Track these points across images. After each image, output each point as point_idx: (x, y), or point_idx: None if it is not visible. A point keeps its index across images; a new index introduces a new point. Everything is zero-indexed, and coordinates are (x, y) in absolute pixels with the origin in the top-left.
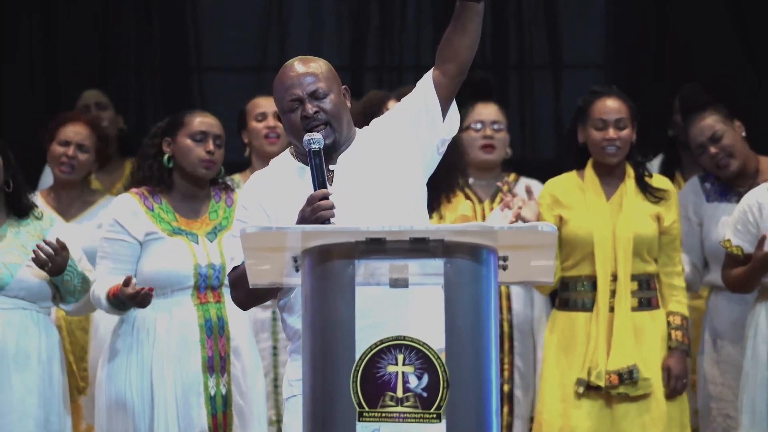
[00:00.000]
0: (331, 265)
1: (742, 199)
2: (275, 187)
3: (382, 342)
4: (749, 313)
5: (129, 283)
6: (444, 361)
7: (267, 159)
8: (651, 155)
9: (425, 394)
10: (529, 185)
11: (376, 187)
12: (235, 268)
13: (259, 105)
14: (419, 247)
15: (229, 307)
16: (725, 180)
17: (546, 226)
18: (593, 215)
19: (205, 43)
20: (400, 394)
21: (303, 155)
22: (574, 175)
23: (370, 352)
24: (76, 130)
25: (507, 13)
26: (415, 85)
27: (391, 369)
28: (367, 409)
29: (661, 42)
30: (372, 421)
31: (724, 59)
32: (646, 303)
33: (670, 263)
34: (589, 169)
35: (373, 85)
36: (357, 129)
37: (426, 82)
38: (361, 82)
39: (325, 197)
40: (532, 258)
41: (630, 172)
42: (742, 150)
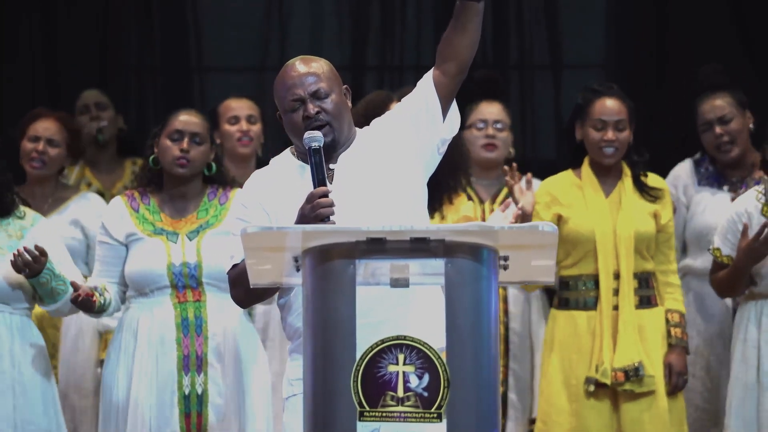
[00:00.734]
0: (332, 265)
1: (731, 205)
2: (275, 185)
3: (383, 342)
4: (737, 314)
5: (75, 287)
6: (445, 360)
7: (239, 161)
8: (647, 154)
9: (426, 394)
10: (529, 177)
11: (377, 187)
12: (234, 266)
13: (231, 108)
14: (420, 246)
15: (212, 307)
16: (721, 166)
17: (546, 226)
18: (593, 213)
19: (205, 43)
20: (400, 393)
21: (303, 154)
22: (570, 174)
23: (370, 352)
24: (45, 126)
25: (507, 13)
26: (415, 84)
27: (392, 369)
28: (367, 408)
29: (662, 42)
30: (372, 420)
31: (724, 59)
32: (646, 301)
33: (666, 261)
34: (586, 168)
35: (374, 85)
36: (358, 129)
37: (426, 82)
38: (361, 82)
39: (325, 195)
40: (532, 258)
41: (627, 171)
42: (746, 140)
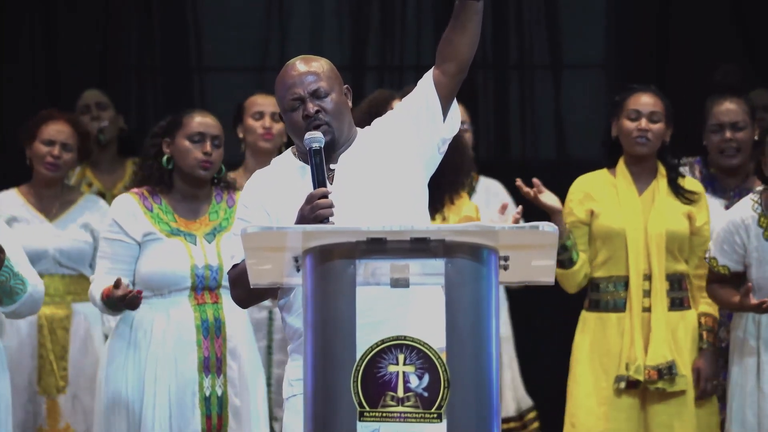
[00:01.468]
0: (332, 265)
1: (726, 213)
2: (276, 186)
3: (383, 342)
4: (735, 321)
5: (119, 284)
6: (445, 361)
7: (262, 156)
8: (684, 158)
9: (426, 394)
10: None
11: (377, 186)
12: (234, 266)
13: (257, 103)
14: (420, 246)
15: (227, 309)
16: (717, 170)
17: (547, 226)
18: (625, 209)
19: (205, 42)
20: (400, 393)
21: (304, 154)
22: (605, 172)
23: (370, 352)
24: (58, 129)
25: (507, 13)
26: (416, 84)
27: (392, 369)
28: (367, 408)
29: (662, 42)
30: (373, 420)
31: (725, 59)
32: (678, 303)
33: (702, 265)
34: (621, 166)
35: (374, 85)
36: (358, 128)
37: (426, 82)
38: (361, 82)
39: (324, 196)
40: (533, 258)
41: (662, 171)
42: (749, 150)
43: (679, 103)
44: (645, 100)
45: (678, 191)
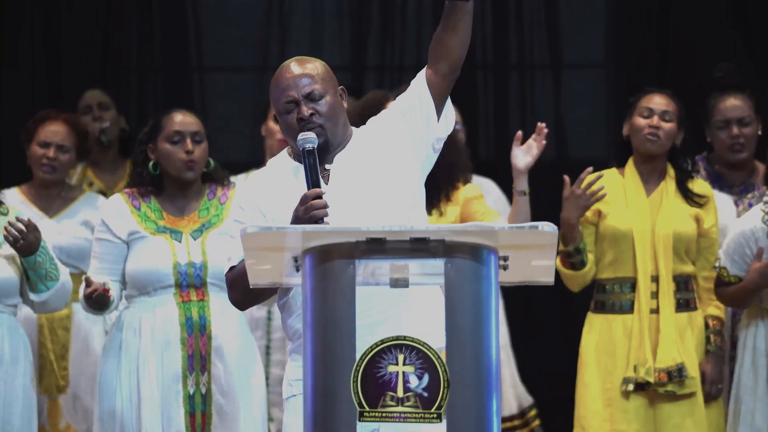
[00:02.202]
0: (332, 265)
1: (736, 223)
2: (271, 187)
3: (383, 342)
4: (744, 324)
5: (88, 282)
6: (444, 361)
7: None
8: (696, 165)
9: (426, 394)
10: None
11: (373, 186)
12: (232, 268)
13: None
14: (420, 246)
15: (214, 306)
16: (723, 166)
17: (547, 226)
18: (633, 210)
19: (206, 42)
20: (400, 393)
21: (299, 155)
22: (614, 172)
23: (370, 352)
24: (54, 130)
25: (507, 13)
26: (410, 84)
27: (392, 369)
28: (367, 408)
29: (663, 41)
30: (372, 421)
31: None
32: (685, 304)
33: (709, 267)
34: (630, 166)
35: (374, 85)
36: (354, 128)
37: (420, 81)
38: (361, 82)
39: (318, 196)
40: (532, 258)
41: (671, 173)
42: (754, 145)
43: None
44: (658, 100)
45: (687, 194)
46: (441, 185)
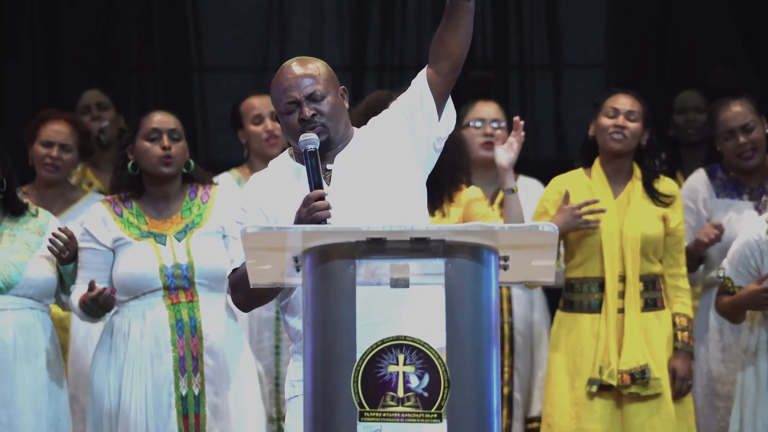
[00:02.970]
0: (332, 265)
1: (741, 233)
2: (273, 188)
3: (383, 342)
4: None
5: (92, 286)
6: (445, 361)
7: (267, 159)
8: (664, 165)
9: (426, 394)
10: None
11: (374, 186)
12: (234, 270)
13: (254, 106)
14: (420, 246)
15: (204, 307)
16: (739, 173)
17: (547, 226)
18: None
19: (206, 42)
20: (401, 393)
21: (301, 156)
22: (581, 173)
23: (370, 352)
24: (57, 130)
25: (507, 13)
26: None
27: (392, 369)
28: (368, 409)
29: (662, 42)
30: (373, 421)
31: (726, 59)
32: (652, 303)
33: (675, 265)
34: (597, 167)
35: (374, 85)
36: (355, 128)
37: (420, 81)
38: (361, 82)
39: (321, 198)
40: (533, 258)
41: (638, 173)
42: (765, 147)
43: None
44: (624, 100)
45: (653, 194)
46: (443, 186)
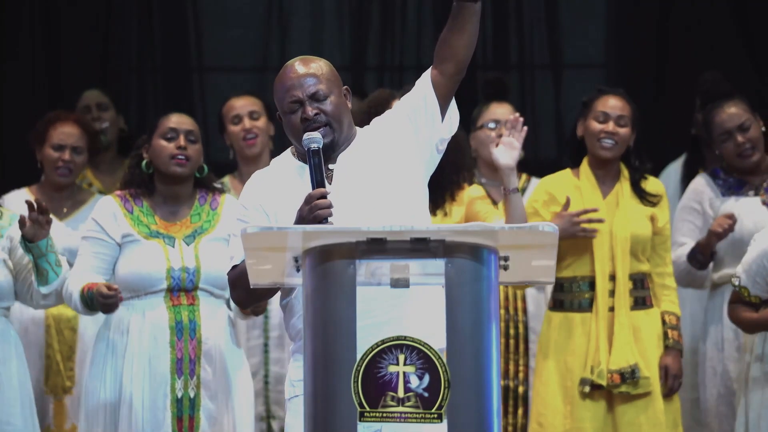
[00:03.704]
0: (332, 265)
1: (758, 240)
2: (275, 186)
3: (383, 342)
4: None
5: (111, 287)
6: (445, 361)
7: (248, 160)
8: (649, 164)
9: (426, 394)
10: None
11: (376, 186)
12: (234, 267)
13: (233, 107)
14: (420, 247)
15: (204, 310)
16: (741, 172)
17: (547, 226)
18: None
19: (206, 42)
20: (401, 394)
21: (303, 155)
22: (569, 173)
23: (371, 352)
24: (68, 132)
25: (507, 13)
26: (414, 84)
27: (392, 369)
28: (368, 409)
29: (662, 42)
30: (373, 421)
31: (726, 59)
32: (641, 302)
33: (662, 263)
34: (585, 167)
35: (374, 85)
36: (358, 128)
37: (424, 82)
38: (362, 82)
39: (323, 196)
40: (533, 258)
41: (625, 174)
42: (763, 145)
43: (679, 103)
44: (613, 103)
45: (641, 194)
46: (445, 185)
